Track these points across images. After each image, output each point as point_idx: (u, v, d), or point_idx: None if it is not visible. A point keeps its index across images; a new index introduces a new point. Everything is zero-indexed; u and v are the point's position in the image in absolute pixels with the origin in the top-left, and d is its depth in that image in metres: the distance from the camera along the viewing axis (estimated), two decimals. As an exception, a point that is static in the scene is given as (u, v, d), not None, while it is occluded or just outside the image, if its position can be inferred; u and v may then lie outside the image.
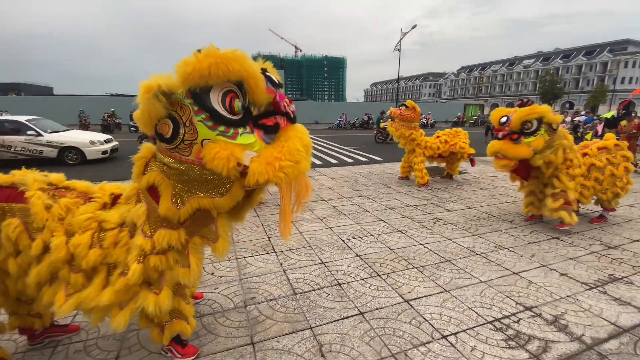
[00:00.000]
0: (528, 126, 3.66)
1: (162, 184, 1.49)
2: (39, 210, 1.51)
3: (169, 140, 1.38)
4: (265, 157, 1.34)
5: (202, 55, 1.26)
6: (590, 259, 3.40)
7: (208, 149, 1.33)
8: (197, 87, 1.30)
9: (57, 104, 26.20)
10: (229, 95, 1.33)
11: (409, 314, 2.43)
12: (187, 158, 1.39)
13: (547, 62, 68.22)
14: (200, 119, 1.33)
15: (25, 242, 1.50)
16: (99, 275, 1.56)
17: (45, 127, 9.46)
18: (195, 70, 1.24)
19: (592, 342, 2.17)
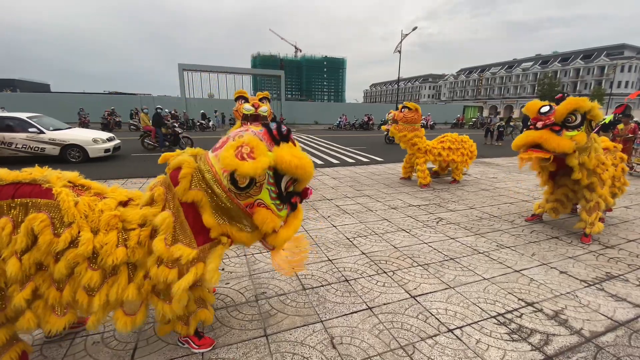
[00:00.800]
0: (572, 119, 3.37)
1: (205, 204, 1.73)
2: (70, 206, 1.57)
3: (241, 189, 1.69)
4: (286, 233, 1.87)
5: (301, 164, 1.68)
6: (589, 257, 3.50)
7: (263, 213, 1.72)
8: (281, 172, 1.72)
9: (55, 101, 26.05)
10: (289, 182, 1.80)
11: (415, 309, 2.52)
12: (237, 201, 1.73)
13: (546, 65, 68.76)
14: (269, 188, 1.73)
15: (47, 237, 1.51)
16: (123, 274, 1.67)
17: (47, 125, 9.46)
18: (293, 171, 1.69)
19: (590, 335, 2.27)
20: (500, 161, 10.39)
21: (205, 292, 1.99)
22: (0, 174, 1.60)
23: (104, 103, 24.77)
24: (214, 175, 1.71)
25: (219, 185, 1.70)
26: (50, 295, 1.60)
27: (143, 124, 12.83)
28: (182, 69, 26.85)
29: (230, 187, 1.68)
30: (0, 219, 1.51)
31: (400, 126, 6.43)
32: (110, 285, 1.64)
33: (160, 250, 1.62)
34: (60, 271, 1.55)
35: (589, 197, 3.84)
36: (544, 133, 3.41)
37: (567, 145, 3.36)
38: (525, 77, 71.92)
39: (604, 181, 3.81)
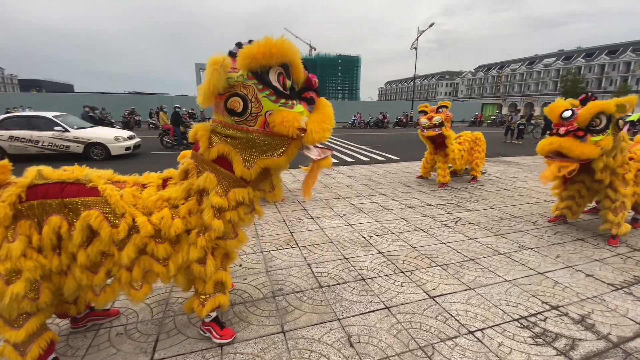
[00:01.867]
0: (596, 122, 3.22)
1: (230, 153, 1.74)
2: (117, 200, 1.70)
3: (241, 114, 1.63)
4: (317, 121, 1.68)
5: (263, 42, 1.53)
6: (616, 260, 3.36)
7: (276, 116, 1.60)
8: (259, 69, 1.57)
9: (78, 101, 26.94)
10: (281, 76, 1.64)
11: (434, 310, 2.48)
12: (253, 128, 1.66)
13: (569, 61, 66.25)
14: (265, 95, 1.61)
15: (106, 230, 1.65)
16: (185, 241, 1.83)
17: (71, 124, 9.82)
18: (260, 53, 1.51)
19: (618, 341, 2.18)
20: (521, 160, 10.09)
21: (227, 276, 2.04)
22: (45, 172, 1.71)
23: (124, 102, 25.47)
24: (220, 124, 1.73)
25: (228, 127, 1.70)
26: (122, 276, 1.78)
27: (162, 122, 13.14)
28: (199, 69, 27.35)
29: (234, 118, 1.65)
30: (52, 217, 1.62)
31: (448, 125, 6.11)
32: (177, 252, 1.82)
33: (218, 201, 1.75)
34: (129, 256, 1.71)
35: (613, 197, 3.66)
36: (567, 141, 3.26)
37: (592, 152, 3.22)
38: (547, 73, 69.53)
39: (627, 181, 3.64)
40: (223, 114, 1.68)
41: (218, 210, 1.80)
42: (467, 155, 6.63)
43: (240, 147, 1.74)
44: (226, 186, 1.80)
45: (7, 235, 1.56)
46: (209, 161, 1.78)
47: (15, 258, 1.53)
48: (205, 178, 1.76)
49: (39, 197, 1.62)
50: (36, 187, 1.64)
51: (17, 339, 1.63)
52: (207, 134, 1.78)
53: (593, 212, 4.79)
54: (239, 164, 1.75)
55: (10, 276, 1.54)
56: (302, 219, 4.50)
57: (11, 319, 1.63)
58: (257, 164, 1.77)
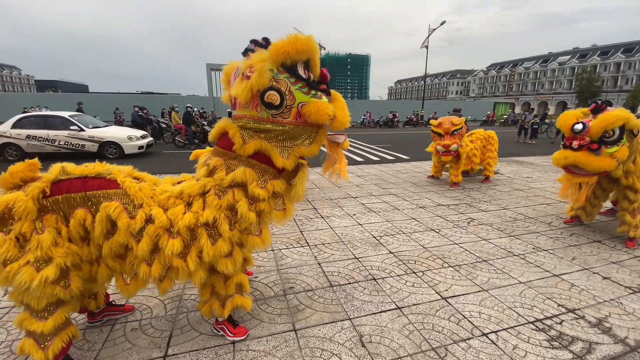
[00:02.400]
0: (609, 134, 3.18)
1: (267, 147, 1.82)
2: (136, 191, 1.76)
3: (278, 107, 1.71)
4: (340, 108, 1.79)
5: (294, 38, 1.62)
6: (634, 263, 3.26)
7: (311, 106, 1.69)
8: (290, 62, 1.65)
9: (93, 101, 27.55)
10: (306, 70, 1.74)
11: (447, 311, 2.45)
12: (287, 120, 1.75)
13: (584, 59, 64.61)
14: (297, 87, 1.70)
15: (124, 220, 1.69)
16: (203, 235, 1.82)
17: (87, 123, 10.05)
18: (293, 49, 1.61)
19: (635, 345, 2.12)
20: (534, 160, 9.89)
21: (246, 278, 2.09)
22: (68, 168, 1.77)
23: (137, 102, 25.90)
24: (252, 119, 1.78)
25: (264, 121, 1.76)
26: (141, 270, 1.78)
27: (174, 122, 13.32)
28: (209, 69, 27.56)
29: (271, 111, 1.72)
30: (78, 210, 1.68)
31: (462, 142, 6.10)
32: (197, 248, 1.82)
33: (260, 193, 1.84)
34: (144, 248, 1.72)
35: (632, 198, 3.58)
36: (583, 156, 3.23)
37: (608, 165, 3.20)
38: (562, 71, 67.94)
39: None
40: (257, 108, 1.73)
41: (253, 202, 1.87)
42: (480, 154, 6.56)
43: (275, 140, 1.81)
44: (264, 179, 1.88)
45: (35, 227, 1.61)
46: (244, 157, 1.84)
47: (46, 247, 1.57)
48: (243, 172, 1.82)
49: (64, 192, 1.67)
50: (60, 183, 1.70)
51: (44, 329, 1.65)
52: (238, 131, 1.82)
53: (610, 214, 4.67)
54: (278, 156, 1.82)
55: (40, 264, 1.57)
56: (312, 218, 4.51)
57: (39, 308, 1.65)
58: (293, 154, 1.86)
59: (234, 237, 1.87)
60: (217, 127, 1.90)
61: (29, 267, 1.54)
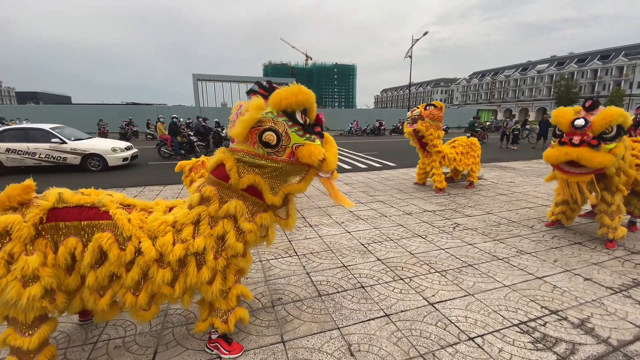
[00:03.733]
0: (608, 130, 3.24)
1: (260, 183, 1.91)
2: (125, 223, 1.80)
3: (274, 146, 1.82)
4: (332, 153, 1.95)
5: (295, 90, 1.80)
6: (614, 264, 3.37)
7: (304, 149, 1.83)
8: (289, 109, 1.82)
9: (76, 112, 26.99)
10: (303, 115, 1.90)
11: (434, 317, 2.47)
12: (281, 158, 1.86)
13: (562, 67, 67.22)
14: (294, 130, 1.83)
15: (115, 252, 1.74)
16: (192, 263, 1.89)
17: (68, 135, 9.81)
18: (294, 100, 1.79)
19: (618, 344, 2.18)
20: (516, 165, 10.16)
21: (246, 289, 2.12)
22: (66, 196, 1.83)
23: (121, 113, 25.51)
24: (248, 154, 1.86)
25: (259, 157, 1.85)
26: (127, 300, 1.84)
27: (159, 133, 13.15)
28: (196, 79, 27.48)
29: (267, 150, 1.82)
30: (70, 239, 1.74)
31: (427, 123, 6.26)
32: (185, 274, 1.89)
33: (248, 227, 1.93)
34: (133, 278, 1.80)
35: (610, 201, 3.69)
36: (585, 151, 3.23)
37: (609, 161, 3.22)
38: (541, 79, 70.44)
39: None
40: (255, 145, 1.83)
41: (241, 234, 1.96)
42: (464, 158, 6.75)
43: (268, 176, 1.93)
44: (253, 212, 1.98)
45: (26, 249, 1.66)
46: (238, 189, 1.92)
47: (33, 269, 1.62)
48: (236, 205, 1.92)
49: (59, 220, 1.75)
50: (56, 210, 1.77)
51: (30, 346, 1.71)
52: (235, 165, 1.90)
53: (589, 216, 4.82)
54: (268, 193, 1.94)
55: (27, 281, 1.64)
56: (301, 227, 4.50)
57: (27, 322, 1.71)
58: (282, 190, 1.98)
59: (219, 265, 1.92)
60: (214, 158, 1.97)
61: (16, 282, 1.61)
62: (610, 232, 3.69)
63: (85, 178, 8.26)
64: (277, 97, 1.79)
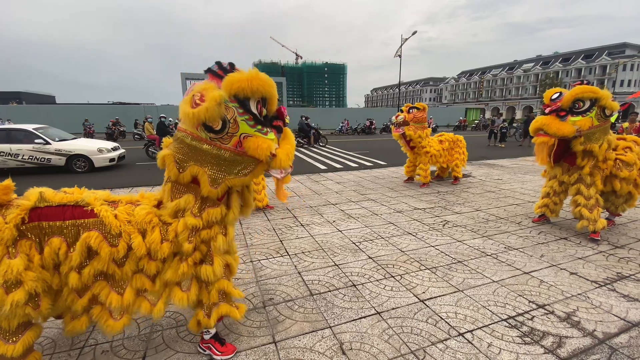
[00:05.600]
0: (579, 105, 3.50)
1: (199, 172, 1.78)
2: (112, 220, 1.75)
3: (219, 132, 1.70)
4: (285, 151, 1.81)
5: (251, 76, 1.66)
6: (599, 258, 3.46)
7: (252, 141, 1.72)
8: (242, 97, 1.69)
9: (60, 112, 26.37)
10: (259, 105, 1.78)
11: (425, 313, 2.49)
12: (225, 146, 1.74)
13: (547, 66, 68.56)
14: (244, 119, 1.71)
15: (106, 250, 1.71)
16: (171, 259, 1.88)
17: (53, 136, 9.59)
18: (248, 87, 1.65)
19: (603, 337, 2.24)
20: (504, 162, 10.33)
21: (230, 285, 2.04)
22: (48, 195, 1.76)
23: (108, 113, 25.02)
24: (191, 135, 1.74)
25: (201, 141, 1.73)
26: (113, 300, 1.78)
27: (147, 133, 12.95)
28: (185, 78, 27.14)
29: (209, 134, 1.70)
30: (53, 239, 1.68)
31: (413, 126, 6.50)
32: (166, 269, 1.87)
33: (192, 222, 1.81)
34: (127, 272, 1.79)
35: (587, 194, 3.81)
36: (548, 118, 3.60)
37: (567, 129, 3.51)
38: (527, 78, 71.74)
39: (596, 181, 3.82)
40: (198, 128, 1.70)
41: (193, 231, 1.85)
42: (448, 155, 7.00)
43: (209, 163, 1.78)
44: (201, 206, 1.86)
45: (8, 252, 1.61)
46: (186, 183, 1.83)
47: (17, 272, 1.57)
48: (186, 199, 1.83)
49: (42, 220, 1.69)
50: (38, 210, 1.70)
51: (14, 353, 1.66)
52: (172, 161, 1.80)
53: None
54: (206, 184, 1.79)
55: (10, 286, 1.58)
56: (292, 226, 4.48)
57: (11, 329, 1.66)
58: (225, 183, 1.83)
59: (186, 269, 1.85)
60: (159, 157, 1.87)
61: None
62: (590, 225, 3.79)
63: (70, 179, 8.07)
64: (229, 80, 1.65)
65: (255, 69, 1.71)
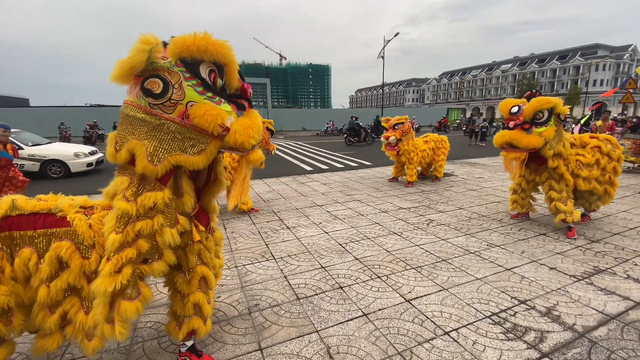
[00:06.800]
0: (539, 116, 3.67)
1: (135, 146, 1.51)
2: (85, 229, 1.64)
3: (158, 96, 1.48)
4: (243, 123, 1.58)
5: (200, 36, 1.48)
6: (576, 252, 3.57)
7: (198, 107, 1.49)
8: (189, 58, 1.49)
9: (35, 116, 25.41)
10: (212, 73, 1.57)
11: (411, 313, 2.50)
12: (168, 116, 1.51)
13: (524, 67, 70.85)
14: (191, 84, 1.50)
15: (77, 262, 1.59)
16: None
17: (25, 140, 9.17)
18: (194, 45, 1.46)
19: (583, 330, 2.30)
20: (485, 161, 10.58)
21: (204, 298, 1.91)
22: (19, 203, 1.65)
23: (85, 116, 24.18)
24: (130, 105, 1.53)
25: (140, 109, 1.50)
26: (79, 319, 1.62)
27: (127, 136, 12.57)
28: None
29: (148, 99, 1.48)
30: (24, 250, 1.58)
31: (405, 140, 6.79)
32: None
33: (123, 207, 1.52)
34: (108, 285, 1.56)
35: (558, 188, 4.00)
36: (516, 133, 3.69)
37: (536, 142, 3.65)
38: (505, 78, 73.93)
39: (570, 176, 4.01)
40: (137, 95, 1.50)
41: (124, 221, 1.54)
42: (434, 154, 7.26)
43: (149, 136, 1.50)
44: (138, 189, 1.55)
45: None
46: (123, 162, 1.58)
47: None
48: (118, 181, 1.58)
49: (12, 229, 1.59)
50: (10, 219, 1.60)
51: None
52: (112, 139, 1.60)
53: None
54: (142, 158, 1.49)
55: None
56: (278, 229, 4.44)
57: None
58: (168, 160, 1.52)
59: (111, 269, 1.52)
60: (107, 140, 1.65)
61: None
62: (568, 217, 3.93)
63: (45, 186, 7.73)
64: (174, 41, 1.47)
65: (205, 32, 1.50)
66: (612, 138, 4.25)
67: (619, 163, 4.14)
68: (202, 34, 1.49)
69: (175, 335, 1.89)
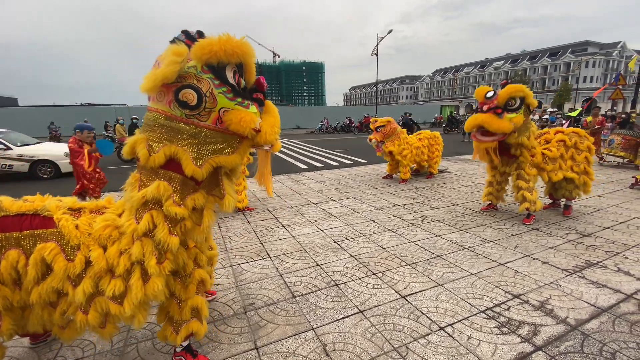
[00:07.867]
0: (512, 103, 3.79)
1: (178, 152, 1.57)
2: (72, 230, 1.61)
3: (194, 107, 1.52)
4: (269, 122, 1.68)
5: (225, 39, 1.49)
6: (568, 247, 3.62)
7: (233, 114, 1.55)
8: (216, 63, 1.50)
9: (23, 115, 25.00)
10: (236, 75, 1.59)
11: (406, 309, 2.51)
12: (204, 124, 1.56)
13: (516, 64, 71.45)
14: (221, 91, 1.53)
15: (61, 264, 1.56)
16: (135, 274, 1.62)
17: (14, 140, 9.01)
18: (221, 50, 1.47)
19: (575, 323, 2.33)
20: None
21: (203, 302, 1.92)
22: (5, 204, 1.63)
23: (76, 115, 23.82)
24: (163, 114, 1.55)
25: (176, 120, 1.54)
26: (78, 319, 1.63)
27: (119, 135, 12.43)
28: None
29: (185, 111, 1.52)
30: (11, 252, 1.56)
31: (389, 142, 6.84)
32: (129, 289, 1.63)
33: (179, 211, 1.59)
34: (84, 291, 1.57)
35: (527, 177, 4.18)
36: (488, 116, 3.80)
37: (506, 126, 3.76)
38: (497, 75, 74.47)
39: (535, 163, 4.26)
40: (171, 105, 1.53)
41: (173, 223, 1.63)
42: (428, 152, 7.30)
43: (188, 144, 1.57)
44: (183, 193, 1.63)
45: None
46: (156, 169, 1.60)
47: None
48: (157, 187, 1.56)
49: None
50: None
51: None
52: (143, 141, 1.59)
53: (553, 207, 5.09)
54: (189, 162, 1.56)
55: None
56: (273, 227, 4.42)
57: None
58: (209, 162, 1.60)
59: (164, 270, 1.64)
60: (127, 145, 1.63)
61: None
62: (531, 206, 4.13)
63: (35, 187, 7.59)
64: (199, 46, 1.47)
65: (227, 33, 1.51)
66: (580, 130, 4.50)
67: (590, 153, 4.42)
68: (225, 36, 1.51)
69: (173, 341, 1.88)
